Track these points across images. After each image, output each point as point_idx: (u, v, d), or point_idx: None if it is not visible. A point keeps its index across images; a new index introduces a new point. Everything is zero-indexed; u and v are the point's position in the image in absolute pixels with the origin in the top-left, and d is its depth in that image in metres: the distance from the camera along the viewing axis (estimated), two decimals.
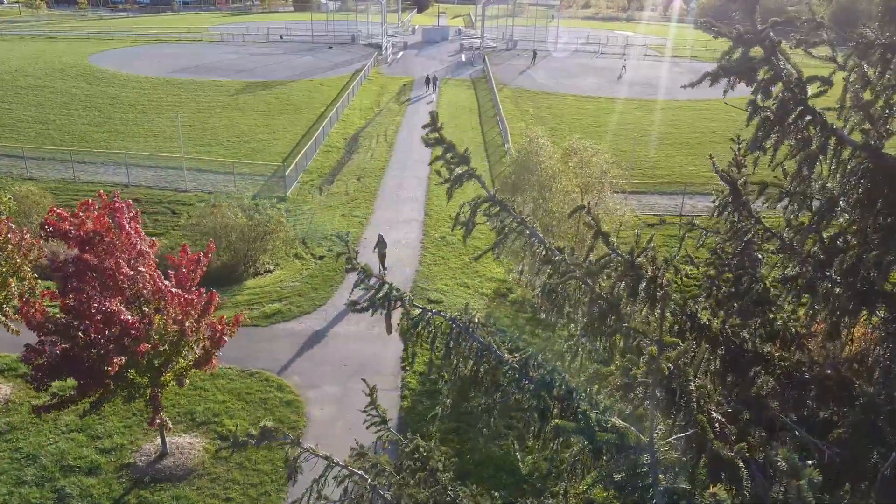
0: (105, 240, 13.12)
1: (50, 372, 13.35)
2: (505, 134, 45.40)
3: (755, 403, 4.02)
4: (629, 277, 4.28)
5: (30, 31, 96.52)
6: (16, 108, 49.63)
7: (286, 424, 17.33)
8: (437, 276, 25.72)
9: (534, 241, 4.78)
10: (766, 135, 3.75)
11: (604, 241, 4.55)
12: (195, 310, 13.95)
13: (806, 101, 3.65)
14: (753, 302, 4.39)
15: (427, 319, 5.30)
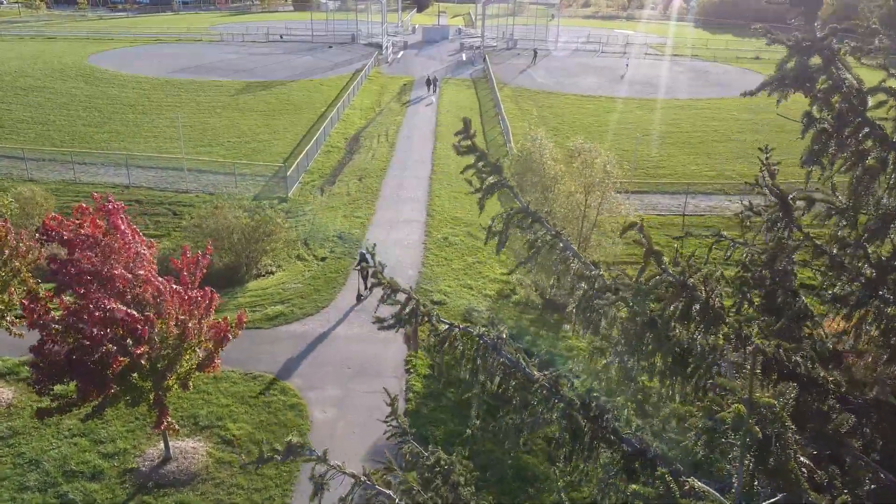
0: (101, 243, 13.01)
1: (52, 375, 13.24)
2: (507, 134, 45.28)
3: (832, 440, 3.77)
4: (682, 299, 4.11)
5: (29, 32, 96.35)
6: (15, 108, 49.50)
7: (289, 428, 17.24)
8: (441, 277, 25.60)
9: (568, 255, 4.65)
10: (824, 148, 3.61)
11: (655, 260, 4.40)
12: (197, 309, 13.86)
13: (865, 114, 3.51)
14: (793, 319, 4.25)
15: (454, 335, 5.10)
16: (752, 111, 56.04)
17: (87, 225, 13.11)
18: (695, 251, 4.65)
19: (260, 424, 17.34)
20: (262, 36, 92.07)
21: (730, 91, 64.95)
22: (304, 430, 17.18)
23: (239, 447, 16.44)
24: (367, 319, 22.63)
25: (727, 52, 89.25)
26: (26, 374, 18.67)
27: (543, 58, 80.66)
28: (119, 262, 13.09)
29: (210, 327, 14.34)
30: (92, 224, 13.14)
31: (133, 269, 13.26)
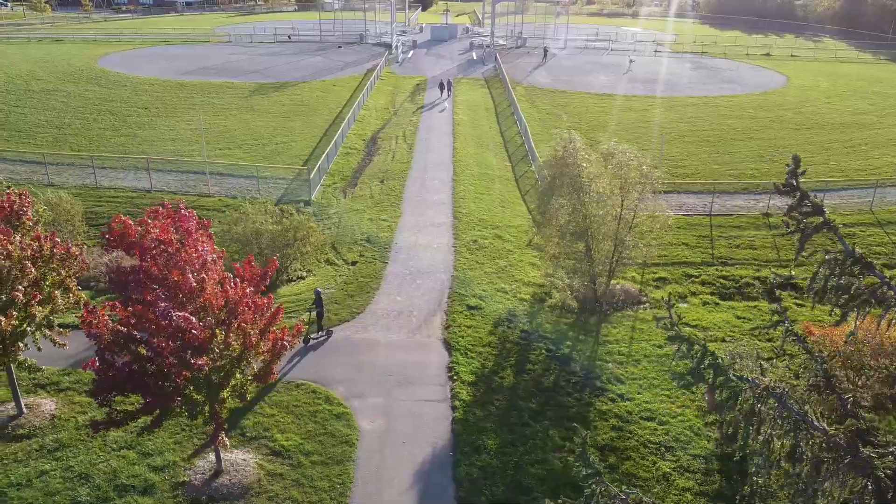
0: (169, 250, 12.78)
1: (114, 386, 13.01)
2: (525, 133, 44.97)
3: None
4: None
5: (36, 34, 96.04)
6: (30, 112, 49.24)
7: (338, 438, 17.00)
8: (474, 280, 25.32)
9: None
10: None
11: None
12: (261, 319, 13.64)
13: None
14: None
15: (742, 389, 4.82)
16: (767, 109, 55.74)
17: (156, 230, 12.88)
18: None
19: (308, 435, 17.09)
20: (270, 36, 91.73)
21: (743, 88, 64.65)
22: (353, 441, 16.93)
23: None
24: (406, 325, 22.40)
25: (737, 49, 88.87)
26: (67, 384, 18.53)
27: (553, 57, 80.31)
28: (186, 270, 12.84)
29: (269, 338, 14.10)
30: (162, 230, 12.90)
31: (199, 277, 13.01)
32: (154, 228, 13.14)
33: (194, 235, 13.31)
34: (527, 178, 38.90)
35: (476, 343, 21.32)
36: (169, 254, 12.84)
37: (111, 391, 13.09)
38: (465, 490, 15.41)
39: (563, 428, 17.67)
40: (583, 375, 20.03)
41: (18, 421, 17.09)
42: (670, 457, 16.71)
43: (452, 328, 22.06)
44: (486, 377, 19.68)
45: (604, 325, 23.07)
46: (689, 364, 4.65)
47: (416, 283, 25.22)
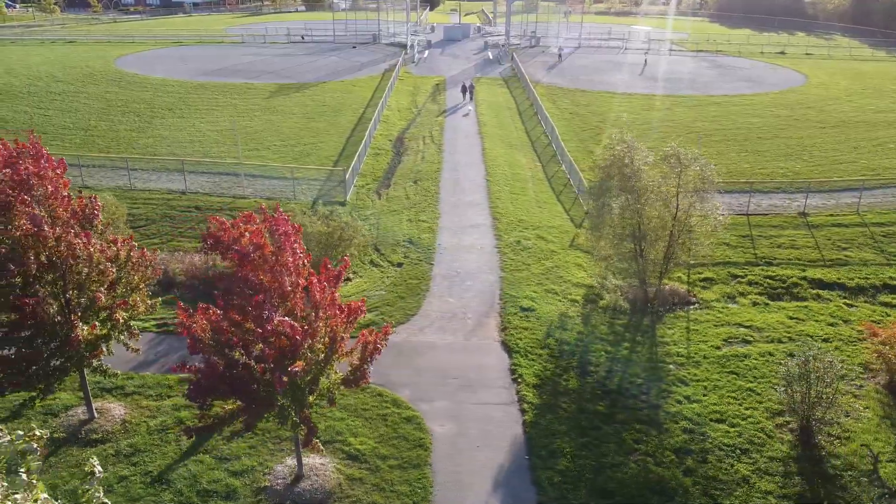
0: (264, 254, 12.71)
1: (213, 390, 12.93)
2: (552, 133, 44.88)
3: None
4: None
5: (48, 36, 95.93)
6: (55, 115, 49.16)
7: (412, 441, 16.92)
8: (523, 282, 25.23)
9: None
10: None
11: None
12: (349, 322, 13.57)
13: None
14: None
15: None
16: (788, 107, 55.61)
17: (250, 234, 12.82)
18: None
19: (381, 438, 17.02)
20: (283, 37, 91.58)
21: (762, 87, 64.52)
22: (427, 445, 16.85)
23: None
24: (461, 327, 22.32)
25: (751, 47, 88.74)
26: (132, 388, 18.50)
27: (568, 57, 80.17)
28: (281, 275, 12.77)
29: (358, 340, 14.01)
30: (256, 234, 12.82)
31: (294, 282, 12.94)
32: (246, 233, 13.05)
33: (292, 239, 13.21)
34: (558, 178, 38.82)
35: (535, 345, 21.24)
36: (265, 258, 12.74)
37: (211, 395, 13.00)
38: (547, 495, 15.33)
39: (635, 430, 17.59)
40: (645, 377, 19.94)
41: (91, 426, 17.02)
42: (746, 459, 16.62)
43: (509, 330, 21.97)
44: (550, 380, 19.60)
45: (658, 327, 22.99)
46: None
47: (464, 284, 25.13)
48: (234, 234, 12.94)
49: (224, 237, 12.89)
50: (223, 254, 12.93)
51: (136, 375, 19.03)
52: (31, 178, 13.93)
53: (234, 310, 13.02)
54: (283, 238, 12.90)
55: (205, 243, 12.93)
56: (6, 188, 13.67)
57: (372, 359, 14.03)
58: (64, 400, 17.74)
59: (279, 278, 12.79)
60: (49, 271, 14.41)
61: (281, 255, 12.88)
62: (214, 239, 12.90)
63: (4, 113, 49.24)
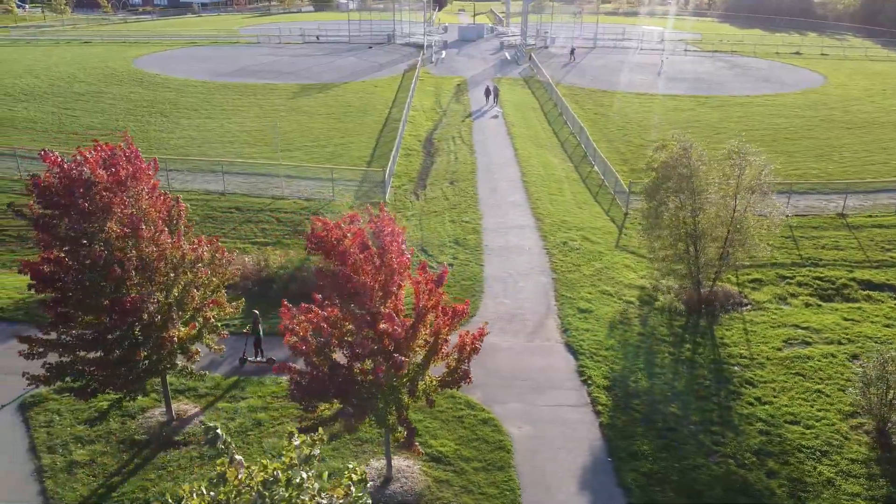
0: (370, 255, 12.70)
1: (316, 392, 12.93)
2: (581, 134, 44.89)
3: None
4: None
5: (61, 36, 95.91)
6: (82, 115, 49.14)
7: (492, 444, 16.91)
8: (576, 283, 25.23)
9: None
10: None
11: None
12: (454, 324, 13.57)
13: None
14: None
15: None
16: (813, 108, 55.62)
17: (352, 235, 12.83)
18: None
19: (461, 440, 17.01)
20: (297, 37, 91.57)
21: (782, 87, 64.54)
22: (507, 447, 16.84)
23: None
24: (520, 329, 22.32)
25: (766, 48, 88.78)
26: (205, 390, 18.45)
27: (582, 57, 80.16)
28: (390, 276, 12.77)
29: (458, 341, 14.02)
30: (360, 235, 12.83)
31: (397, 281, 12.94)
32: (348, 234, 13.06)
33: (400, 239, 13.20)
34: (592, 179, 38.81)
35: (598, 347, 21.23)
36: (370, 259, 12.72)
37: (315, 397, 12.99)
38: (635, 497, 15.33)
39: (711, 432, 17.58)
40: (712, 379, 19.94)
41: (171, 427, 17.00)
42: (827, 461, 16.61)
43: (570, 332, 21.97)
44: (619, 381, 19.58)
45: (715, 328, 22.98)
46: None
47: (517, 285, 25.13)
48: (337, 235, 12.93)
49: (328, 238, 12.88)
50: (327, 254, 12.91)
51: (207, 376, 18.97)
52: (128, 180, 13.93)
53: (338, 311, 13.00)
54: (389, 239, 12.87)
55: (309, 244, 12.92)
56: (103, 190, 13.65)
57: (469, 360, 14.02)
58: (139, 402, 17.69)
59: (384, 279, 12.78)
60: (141, 271, 14.39)
61: (386, 256, 12.86)
62: (318, 239, 12.89)
63: (32, 113, 49.23)
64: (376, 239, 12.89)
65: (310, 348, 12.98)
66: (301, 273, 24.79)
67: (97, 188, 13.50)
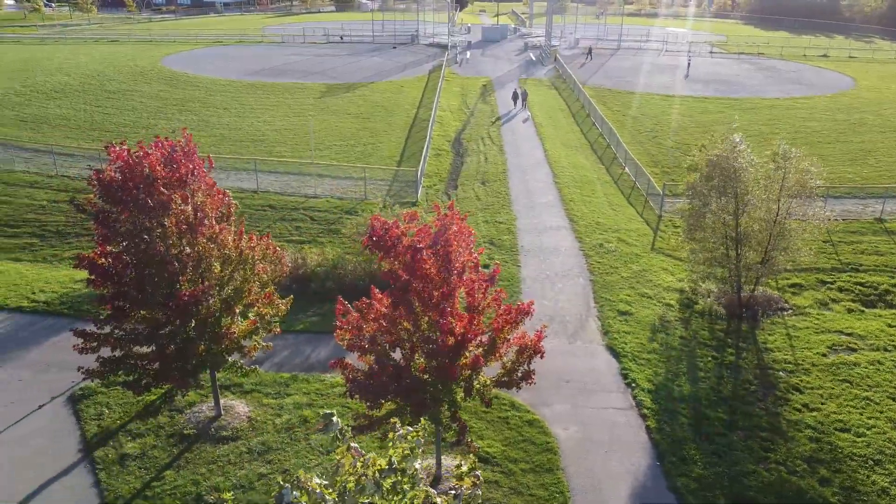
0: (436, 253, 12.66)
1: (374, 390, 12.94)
2: (610, 135, 44.65)
3: None
4: None
5: (88, 35, 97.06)
6: (113, 113, 49.64)
7: (539, 446, 16.83)
8: (614, 285, 25.07)
9: None
10: None
11: None
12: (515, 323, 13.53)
13: None
14: None
15: None
16: (845, 111, 54.95)
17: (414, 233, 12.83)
18: None
19: (507, 441, 16.96)
20: (321, 37, 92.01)
21: (811, 90, 63.87)
22: (554, 449, 16.75)
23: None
24: (561, 330, 22.20)
25: (792, 50, 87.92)
26: (250, 386, 18.55)
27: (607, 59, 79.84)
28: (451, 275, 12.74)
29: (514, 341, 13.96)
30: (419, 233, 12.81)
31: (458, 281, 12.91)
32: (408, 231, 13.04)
33: (470, 238, 13.16)
34: (623, 180, 38.58)
35: (640, 349, 21.08)
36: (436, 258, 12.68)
37: (376, 395, 12.99)
38: (688, 502, 15.17)
39: (760, 438, 17.38)
40: (758, 384, 19.73)
41: (219, 422, 17.10)
42: (881, 470, 16.37)
43: (611, 334, 21.84)
44: (663, 385, 19.42)
45: (758, 333, 22.74)
46: None
47: (556, 286, 25.02)
48: (395, 234, 12.92)
49: (386, 236, 12.87)
50: (386, 252, 12.89)
51: (252, 372, 19.03)
52: (187, 176, 14.02)
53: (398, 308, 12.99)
54: (455, 238, 12.81)
55: (369, 241, 12.91)
56: (163, 185, 13.75)
57: (531, 361, 13.96)
58: (186, 397, 17.80)
59: (446, 278, 12.74)
60: (198, 267, 14.48)
61: (449, 256, 12.78)
62: (378, 237, 12.88)
63: (65, 111, 49.81)
64: (441, 236, 12.80)
65: (366, 345, 12.97)
66: (337, 271, 24.87)
67: (157, 184, 13.59)
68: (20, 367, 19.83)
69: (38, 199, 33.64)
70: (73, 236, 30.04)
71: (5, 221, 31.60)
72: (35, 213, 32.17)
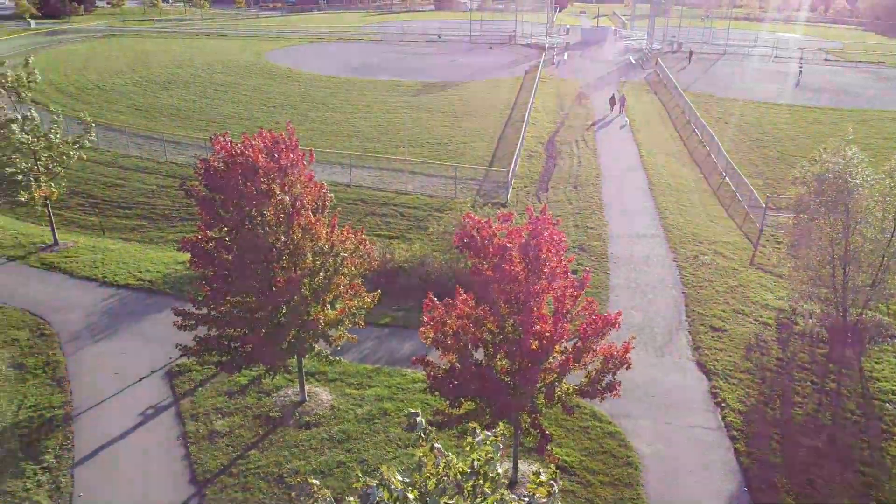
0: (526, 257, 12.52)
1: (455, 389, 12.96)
2: (712, 143, 42.93)
3: None
4: None
5: (200, 30, 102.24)
6: (220, 104, 52.04)
7: (619, 458, 16.37)
8: (708, 300, 24.08)
9: None
10: None
11: None
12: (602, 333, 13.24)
13: None
14: None
15: None
16: None
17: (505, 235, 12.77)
18: None
19: (586, 452, 16.59)
20: (419, 36, 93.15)
21: None
22: (635, 464, 16.25)
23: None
24: (649, 342, 21.52)
25: None
26: (333, 375, 18.94)
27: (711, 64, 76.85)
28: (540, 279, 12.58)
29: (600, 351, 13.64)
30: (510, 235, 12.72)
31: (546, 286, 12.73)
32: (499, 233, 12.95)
33: (563, 246, 12.95)
34: (723, 190, 37.02)
35: (733, 368, 20.14)
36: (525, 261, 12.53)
37: (453, 392, 13.00)
38: None
39: (862, 473, 16.24)
40: (861, 415, 18.44)
41: (303, 408, 17.59)
42: None
43: (702, 350, 20.98)
44: (756, 407, 18.48)
45: (864, 360, 21.26)
46: None
47: (646, 297, 24.28)
48: (487, 234, 12.84)
49: (478, 236, 12.81)
50: (476, 252, 12.84)
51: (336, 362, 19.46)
52: (287, 168, 14.46)
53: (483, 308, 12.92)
54: (546, 242, 12.60)
55: (460, 239, 12.90)
56: (264, 175, 14.22)
57: (616, 372, 13.60)
58: (274, 380, 18.39)
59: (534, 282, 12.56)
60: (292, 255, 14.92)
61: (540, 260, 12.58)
62: (468, 237, 12.85)
63: (176, 101, 52.66)
64: (532, 240, 12.62)
65: (449, 342, 12.96)
66: (424, 267, 25.07)
67: (259, 174, 14.07)
68: (125, 339, 21.11)
69: (149, 183, 35.70)
70: (178, 220, 31.70)
71: (119, 203, 33.73)
72: (145, 197, 34.18)
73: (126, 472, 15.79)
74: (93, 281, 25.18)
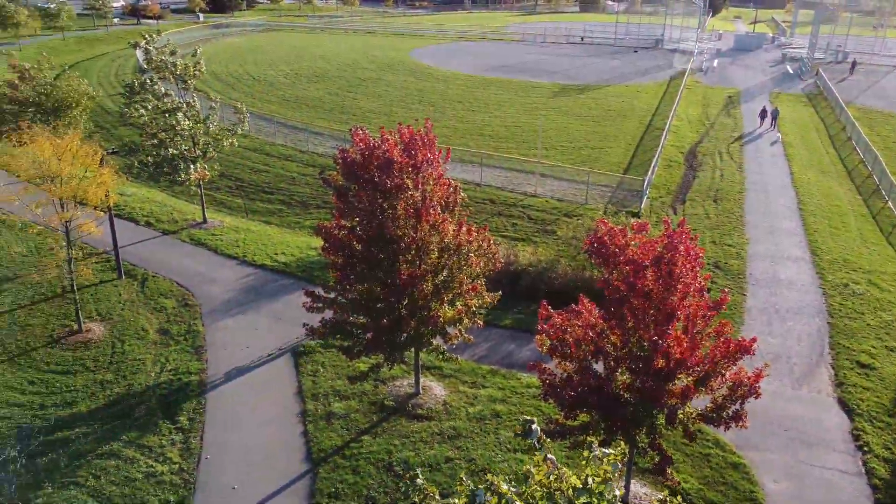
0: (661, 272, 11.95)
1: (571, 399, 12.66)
2: (874, 163, 39.20)
3: None
4: None
5: (349, 26, 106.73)
6: (362, 99, 54.05)
7: (741, 492, 15.32)
8: (857, 333, 22.01)
9: None
10: None
11: None
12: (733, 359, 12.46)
13: None
14: None
15: None
16: None
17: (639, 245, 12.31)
18: None
19: (706, 480, 15.67)
20: (561, 37, 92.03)
21: None
22: (759, 500, 15.13)
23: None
24: (785, 372, 19.97)
25: None
26: (449, 371, 19.08)
27: (879, 77, 70.17)
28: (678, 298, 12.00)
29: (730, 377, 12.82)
30: (649, 247, 12.23)
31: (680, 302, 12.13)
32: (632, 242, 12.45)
33: (695, 261, 12.31)
34: (884, 215, 33.71)
35: (880, 410, 18.27)
36: (661, 275, 11.94)
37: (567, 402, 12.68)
38: None
39: None
40: None
41: (416, 400, 17.88)
42: None
43: (846, 387, 19.20)
44: None
45: None
46: None
47: (786, 324, 22.56)
48: (620, 243, 12.38)
49: (610, 244, 12.38)
50: (605, 260, 12.41)
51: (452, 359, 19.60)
52: (422, 164, 14.70)
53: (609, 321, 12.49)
54: (682, 258, 11.97)
55: (590, 245, 12.53)
56: (398, 170, 14.52)
57: (743, 402, 12.71)
58: (391, 370, 18.81)
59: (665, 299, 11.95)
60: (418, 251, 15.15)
61: (674, 276, 11.91)
62: (600, 244, 12.44)
63: (321, 94, 55.30)
64: (667, 253, 12.02)
65: (568, 351, 12.63)
66: (549, 273, 24.68)
67: (393, 168, 14.39)
68: (258, 316, 22.42)
69: (290, 170, 37.70)
70: (314, 207, 33.23)
71: (262, 187, 35.88)
72: (286, 183, 36.12)
73: (248, 441, 16.74)
74: (234, 259, 26.97)
